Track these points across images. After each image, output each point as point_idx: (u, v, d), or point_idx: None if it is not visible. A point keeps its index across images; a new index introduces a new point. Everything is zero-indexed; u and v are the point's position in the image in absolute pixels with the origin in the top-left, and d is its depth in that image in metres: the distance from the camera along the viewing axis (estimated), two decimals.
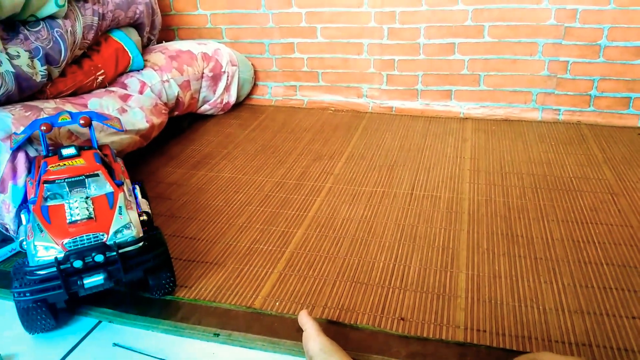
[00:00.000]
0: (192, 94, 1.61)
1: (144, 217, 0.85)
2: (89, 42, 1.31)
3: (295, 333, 0.78)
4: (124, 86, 1.41)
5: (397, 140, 1.54)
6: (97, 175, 0.84)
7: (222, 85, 1.71)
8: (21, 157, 0.96)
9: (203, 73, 1.64)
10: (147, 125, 1.33)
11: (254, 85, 1.91)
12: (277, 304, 0.86)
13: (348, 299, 0.86)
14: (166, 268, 0.85)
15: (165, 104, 1.49)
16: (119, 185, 0.85)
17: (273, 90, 1.91)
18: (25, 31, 1.13)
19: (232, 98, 1.77)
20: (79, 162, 0.85)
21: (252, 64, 1.86)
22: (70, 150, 0.88)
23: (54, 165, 0.85)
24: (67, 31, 1.20)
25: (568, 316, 0.80)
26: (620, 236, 1.01)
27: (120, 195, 0.83)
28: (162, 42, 1.75)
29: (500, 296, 0.85)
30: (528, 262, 0.94)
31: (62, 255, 0.74)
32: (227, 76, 1.71)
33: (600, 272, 0.90)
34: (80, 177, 0.83)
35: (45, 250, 0.75)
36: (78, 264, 0.74)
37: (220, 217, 1.13)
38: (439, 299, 0.85)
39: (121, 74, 1.45)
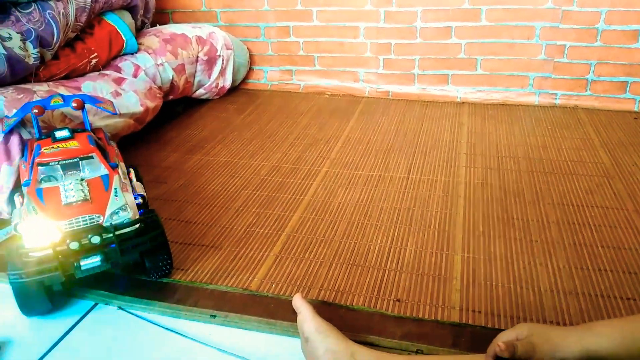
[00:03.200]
0: (187, 77, 1.60)
1: (140, 200, 0.84)
2: (81, 24, 1.29)
3: (291, 314, 0.78)
4: (118, 69, 1.40)
5: (394, 124, 1.53)
6: (92, 157, 0.83)
7: (217, 69, 1.70)
8: (15, 139, 0.95)
9: (198, 57, 1.62)
10: (141, 108, 1.32)
11: (250, 70, 1.89)
12: (274, 286, 0.86)
13: (344, 281, 0.86)
14: (163, 250, 0.85)
15: (160, 88, 1.48)
16: (114, 167, 0.85)
17: (269, 74, 1.89)
18: (17, 13, 1.11)
19: (227, 82, 1.76)
20: (73, 144, 0.84)
21: (247, 48, 1.84)
22: (64, 133, 0.87)
23: (47, 147, 0.84)
24: (59, 13, 1.18)
25: (563, 297, 0.81)
26: (616, 219, 1.01)
27: (116, 178, 0.82)
28: (156, 26, 1.73)
29: (495, 278, 0.85)
30: (523, 245, 0.94)
31: (58, 237, 0.74)
32: (222, 60, 1.70)
33: (595, 254, 0.91)
34: (75, 160, 0.82)
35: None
36: (74, 245, 0.74)
37: (216, 201, 1.13)
38: (435, 281, 0.85)
39: (115, 58, 1.44)
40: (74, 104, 0.94)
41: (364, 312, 0.79)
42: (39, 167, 0.81)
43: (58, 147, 0.83)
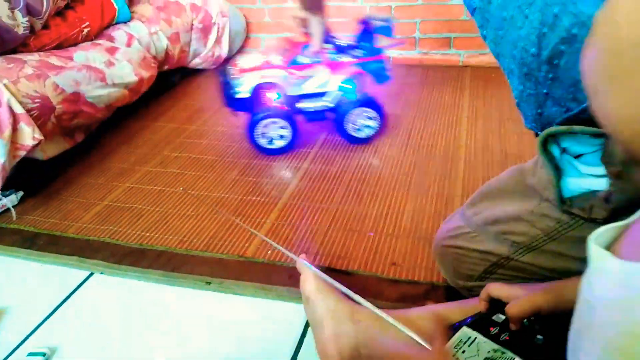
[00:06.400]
0: (182, 46, 1.57)
1: None
2: None
3: (287, 279, 0.78)
4: (111, 39, 1.37)
5: (394, 90, 1.50)
6: None
7: (212, 37, 1.66)
8: (4, 110, 0.94)
9: (192, 24, 1.59)
10: (135, 78, 1.30)
11: (247, 38, 1.85)
12: (270, 252, 0.85)
13: (340, 246, 0.85)
14: None
15: (154, 57, 1.45)
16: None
17: (266, 42, 1.85)
18: None
19: (224, 51, 1.72)
20: None
21: (243, 15, 1.80)
22: None
23: None
24: None
25: None
26: None
27: None
28: None
29: None
30: None
31: None
32: (218, 28, 1.66)
33: None
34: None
35: None
36: None
37: (213, 170, 1.12)
38: (431, 245, 0.84)
39: (107, 27, 1.41)
40: None
41: (359, 275, 0.79)
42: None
43: None
